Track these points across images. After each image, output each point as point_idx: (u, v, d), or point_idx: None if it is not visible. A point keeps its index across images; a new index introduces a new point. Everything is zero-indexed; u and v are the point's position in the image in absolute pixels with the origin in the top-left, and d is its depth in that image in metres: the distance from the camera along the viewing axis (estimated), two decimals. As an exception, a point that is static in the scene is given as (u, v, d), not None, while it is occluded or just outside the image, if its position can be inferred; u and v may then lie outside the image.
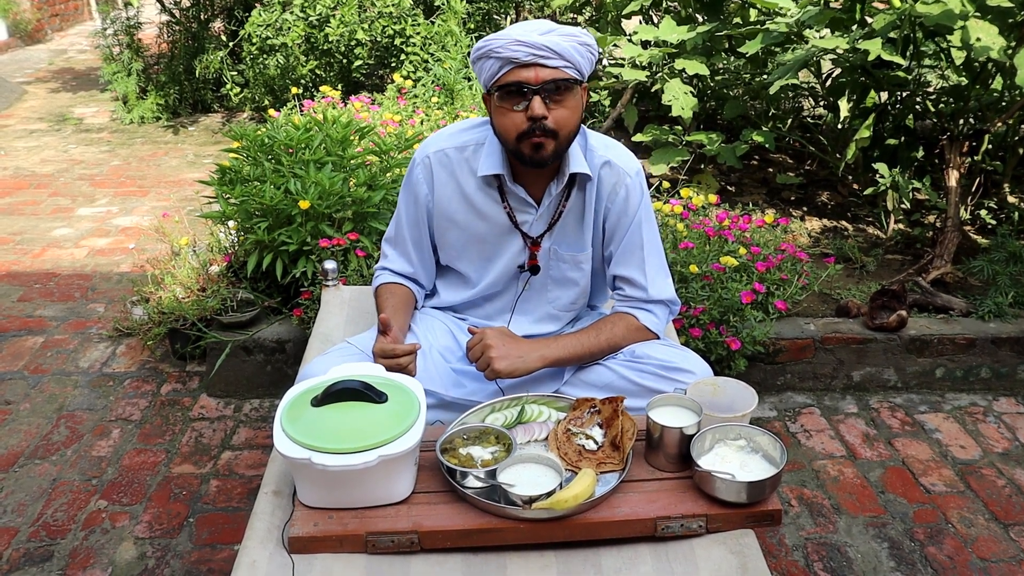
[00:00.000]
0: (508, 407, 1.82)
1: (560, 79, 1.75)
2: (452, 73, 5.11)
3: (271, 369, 3.01)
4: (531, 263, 1.99)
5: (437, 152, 1.95)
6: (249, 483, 2.57)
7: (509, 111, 1.78)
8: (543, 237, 1.98)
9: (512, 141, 1.80)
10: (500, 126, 1.82)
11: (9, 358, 3.26)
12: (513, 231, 1.96)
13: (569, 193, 1.94)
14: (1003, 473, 2.65)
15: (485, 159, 1.91)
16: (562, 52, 1.73)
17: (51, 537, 2.35)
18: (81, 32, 10.36)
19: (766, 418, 2.92)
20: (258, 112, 6.25)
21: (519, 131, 1.78)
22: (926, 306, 3.23)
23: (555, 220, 1.96)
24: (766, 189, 4.45)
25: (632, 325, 1.98)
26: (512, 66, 1.74)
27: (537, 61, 1.73)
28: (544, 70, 1.73)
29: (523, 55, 1.72)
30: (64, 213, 4.74)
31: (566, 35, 1.75)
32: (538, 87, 1.74)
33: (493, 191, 1.94)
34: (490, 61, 1.76)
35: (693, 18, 4.47)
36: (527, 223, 1.96)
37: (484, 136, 1.93)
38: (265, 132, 3.42)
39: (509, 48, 1.72)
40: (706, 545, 1.54)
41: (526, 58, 1.72)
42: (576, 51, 1.75)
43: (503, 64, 1.74)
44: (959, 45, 3.16)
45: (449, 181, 1.95)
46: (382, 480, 1.54)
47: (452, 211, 1.97)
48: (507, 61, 1.74)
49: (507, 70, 1.75)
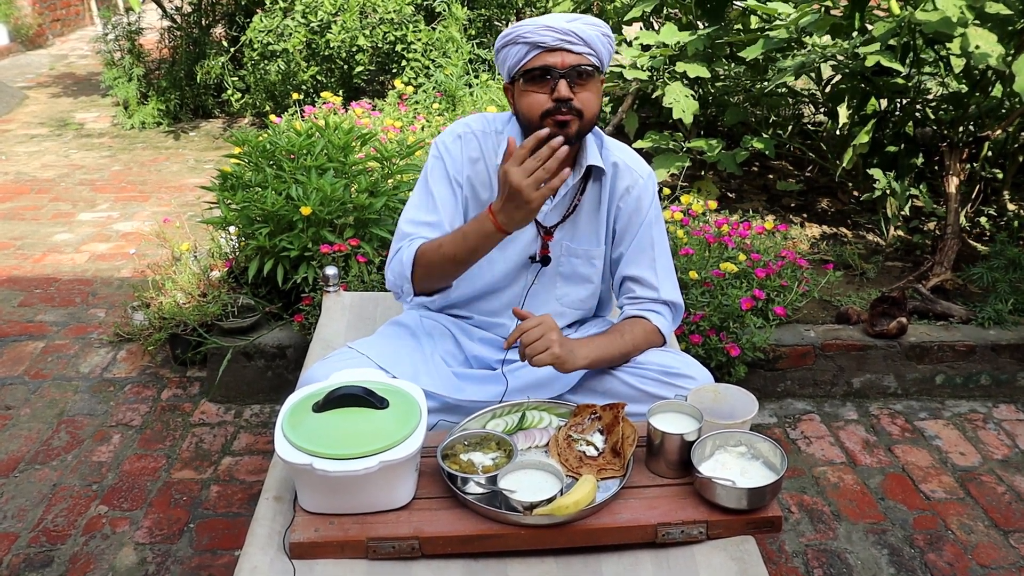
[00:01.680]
0: (509, 413, 1.83)
1: (584, 65, 1.80)
2: (453, 79, 5.12)
3: (272, 375, 3.02)
4: (543, 253, 2.01)
5: (465, 133, 1.99)
6: (250, 489, 2.57)
7: (535, 93, 1.82)
8: (556, 228, 2.00)
9: (537, 120, 1.82)
10: (525, 106, 1.85)
11: (9, 363, 3.27)
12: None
13: (584, 187, 1.98)
14: (1003, 480, 2.65)
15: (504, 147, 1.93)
16: (587, 39, 1.79)
17: (51, 543, 2.35)
18: (82, 37, 10.36)
19: (766, 424, 2.92)
20: (259, 118, 6.26)
21: (544, 109, 1.81)
22: (926, 313, 3.23)
23: (569, 212, 1.99)
24: (766, 196, 4.46)
25: (647, 328, 1.98)
26: (539, 51, 1.80)
27: (563, 46, 1.79)
28: (570, 55, 1.79)
29: (551, 40, 1.78)
30: (65, 218, 4.74)
31: (591, 23, 1.82)
32: (564, 71, 1.79)
33: None
34: (517, 47, 1.82)
35: (694, 25, 4.48)
36: (542, 212, 1.98)
37: (502, 125, 1.98)
38: (267, 138, 3.42)
39: (538, 33, 1.78)
40: (707, 551, 1.55)
41: (553, 43, 1.78)
42: (599, 40, 1.82)
43: (530, 49, 1.80)
44: (958, 52, 3.17)
45: (478, 161, 1.98)
46: (383, 486, 1.54)
47: (475, 189, 1.99)
48: (534, 46, 1.79)
49: (534, 55, 1.80)
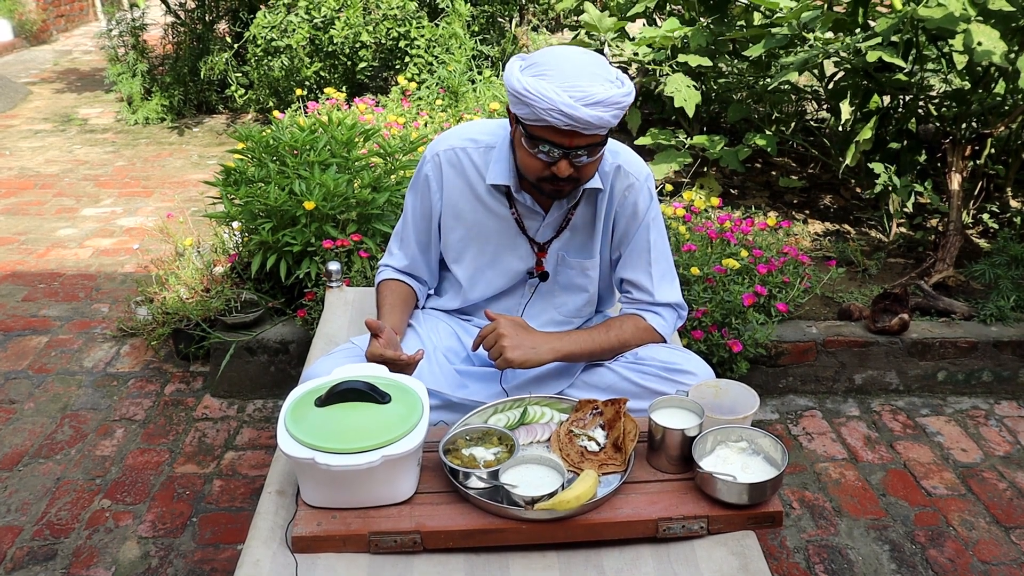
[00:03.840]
0: (511, 408, 1.83)
1: (593, 143, 1.71)
2: (456, 75, 5.12)
3: (274, 370, 3.02)
4: (539, 269, 1.99)
5: (447, 151, 1.94)
6: (252, 483, 2.58)
7: (533, 157, 1.74)
8: (550, 243, 1.98)
9: (531, 179, 1.79)
10: (522, 160, 1.79)
11: (13, 357, 3.28)
12: (520, 235, 1.97)
13: (578, 202, 1.94)
14: (1004, 476, 2.65)
15: (494, 165, 1.89)
16: (602, 124, 1.66)
17: (55, 536, 2.36)
18: (86, 33, 10.38)
19: (767, 421, 2.92)
20: (262, 114, 6.26)
21: (539, 176, 1.76)
22: (928, 309, 3.23)
23: (562, 228, 1.96)
24: (769, 192, 4.45)
25: (640, 325, 1.98)
26: (547, 125, 1.66)
27: (575, 130, 1.66)
28: (580, 137, 1.68)
29: (561, 124, 1.64)
30: (68, 213, 4.75)
31: (611, 105, 1.65)
32: (570, 150, 1.70)
33: (501, 196, 1.93)
34: (525, 108, 1.67)
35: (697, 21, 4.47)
36: (534, 228, 1.96)
37: (495, 140, 1.91)
38: (270, 133, 3.43)
39: (550, 114, 1.63)
40: (707, 546, 1.55)
41: (564, 127, 1.65)
42: (615, 117, 1.68)
43: (538, 119, 1.67)
44: (961, 49, 3.16)
45: (458, 179, 1.94)
46: (385, 480, 1.55)
47: (460, 209, 1.96)
48: (543, 120, 1.66)
49: (540, 125, 1.68)
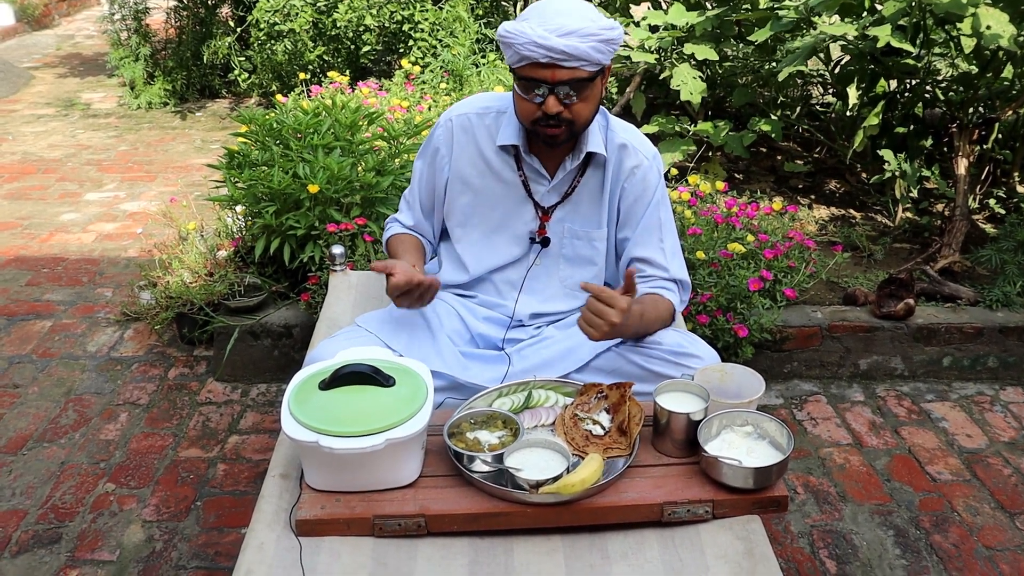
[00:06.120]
0: (515, 392, 1.83)
1: (577, 78, 1.74)
2: (460, 59, 5.09)
3: (278, 354, 3.02)
4: (540, 233, 2.01)
5: (459, 116, 2.00)
6: (256, 467, 2.58)
7: (525, 100, 1.80)
8: (555, 209, 2.00)
9: (527, 124, 1.84)
10: (518, 109, 1.86)
11: (17, 342, 3.28)
12: (526, 199, 1.99)
13: (584, 170, 1.97)
14: (1009, 462, 2.64)
15: (504, 128, 1.95)
16: (580, 55, 1.71)
17: (59, 520, 2.36)
18: (88, 17, 10.33)
19: (772, 406, 2.92)
20: (266, 98, 6.24)
21: (533, 119, 1.81)
22: (933, 295, 3.22)
23: (568, 193, 1.98)
24: (774, 177, 4.43)
25: (667, 304, 1.96)
26: (529, 61, 1.73)
27: (554, 62, 1.71)
28: (561, 70, 1.73)
29: (540, 56, 1.71)
30: (72, 198, 4.75)
31: (586, 36, 1.71)
32: (554, 85, 1.74)
33: (510, 159, 1.98)
34: (510, 50, 1.76)
35: (702, 5, 4.44)
36: (540, 193, 1.99)
37: (506, 105, 1.97)
38: (274, 117, 3.42)
39: (526, 48, 1.71)
40: (712, 531, 1.55)
41: (543, 59, 1.71)
42: (595, 50, 1.72)
43: (521, 57, 1.74)
44: (969, 33, 3.14)
45: (469, 145, 1.99)
46: (389, 464, 1.54)
47: (468, 174, 2.00)
48: (524, 57, 1.73)
49: (524, 64, 1.75)
